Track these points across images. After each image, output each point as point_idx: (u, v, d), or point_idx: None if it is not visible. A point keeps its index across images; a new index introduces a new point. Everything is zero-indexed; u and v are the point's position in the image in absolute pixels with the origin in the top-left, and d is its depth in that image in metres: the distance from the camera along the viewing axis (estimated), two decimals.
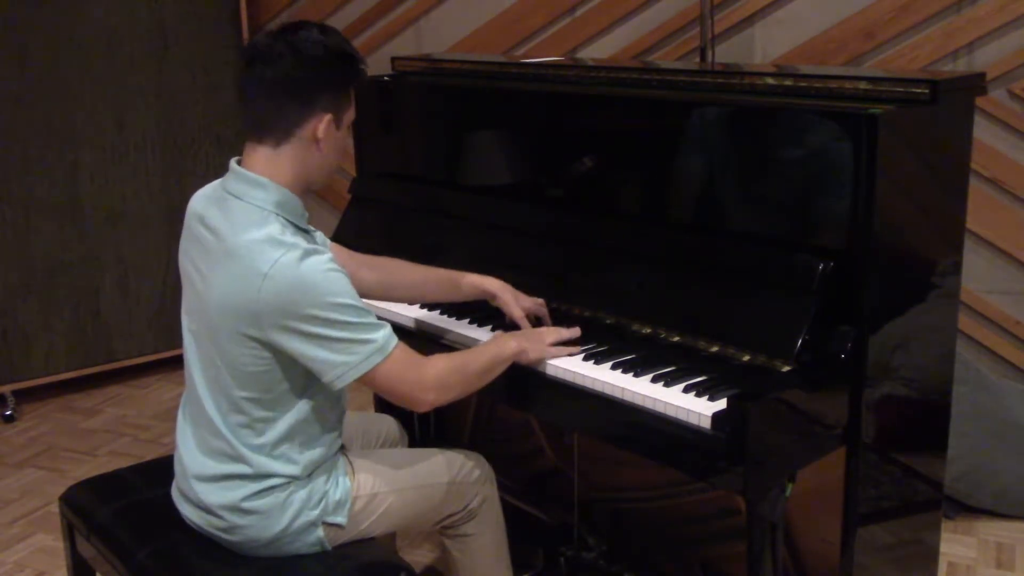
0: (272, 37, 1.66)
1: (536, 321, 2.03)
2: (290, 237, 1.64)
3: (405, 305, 2.20)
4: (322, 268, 1.62)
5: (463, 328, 2.08)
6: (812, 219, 1.78)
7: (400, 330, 1.96)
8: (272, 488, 1.73)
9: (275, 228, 1.64)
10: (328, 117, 1.68)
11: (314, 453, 1.76)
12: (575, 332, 1.92)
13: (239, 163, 1.72)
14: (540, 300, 2.03)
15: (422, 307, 2.20)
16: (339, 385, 1.66)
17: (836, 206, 1.75)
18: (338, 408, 1.81)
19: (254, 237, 1.62)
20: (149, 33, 3.69)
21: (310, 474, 1.76)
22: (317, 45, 1.65)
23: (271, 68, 1.64)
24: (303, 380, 1.70)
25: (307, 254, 1.61)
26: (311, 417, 1.74)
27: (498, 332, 1.97)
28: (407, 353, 1.70)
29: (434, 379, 1.72)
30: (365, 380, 1.67)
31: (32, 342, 3.66)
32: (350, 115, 1.74)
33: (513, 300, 2.00)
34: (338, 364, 1.64)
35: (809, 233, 1.78)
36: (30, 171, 3.56)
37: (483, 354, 1.80)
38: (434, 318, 2.15)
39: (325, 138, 1.69)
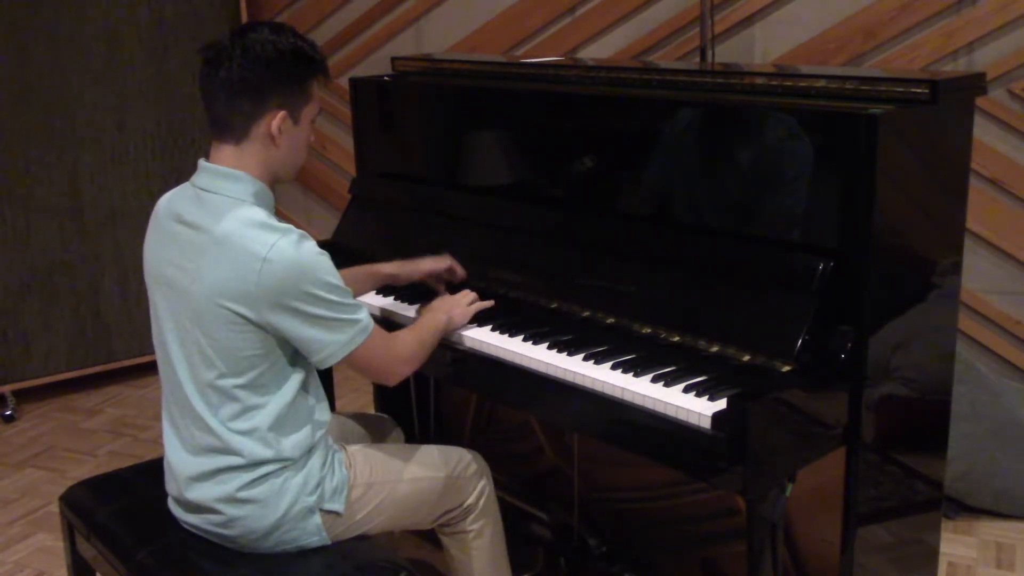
0: (226, 39, 1.72)
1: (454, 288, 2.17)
2: (278, 222, 1.70)
3: None
4: (316, 251, 1.69)
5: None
6: (812, 219, 1.78)
7: None
8: (266, 476, 1.74)
9: (260, 213, 1.70)
10: (282, 114, 1.72)
11: (302, 433, 1.77)
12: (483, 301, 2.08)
13: (207, 161, 1.77)
14: (441, 256, 2.19)
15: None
16: (329, 363, 1.73)
17: (836, 206, 1.75)
18: (320, 388, 1.85)
19: (243, 222, 1.67)
20: (149, 33, 3.69)
21: (302, 457, 1.78)
22: (266, 45, 1.70)
23: (224, 69, 1.69)
24: (291, 360, 1.75)
25: (302, 237, 1.68)
26: (299, 397, 1.77)
27: (425, 306, 2.06)
28: (382, 331, 1.81)
29: (406, 354, 1.84)
30: (349, 358, 1.74)
31: (32, 342, 3.66)
32: (310, 110, 1.78)
33: (416, 270, 2.18)
34: (330, 343, 1.70)
35: (809, 233, 1.78)
36: (30, 171, 3.56)
37: (429, 327, 1.93)
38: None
39: (281, 134, 1.73)
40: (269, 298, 1.64)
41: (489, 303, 2.07)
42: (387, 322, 2.17)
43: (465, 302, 2.04)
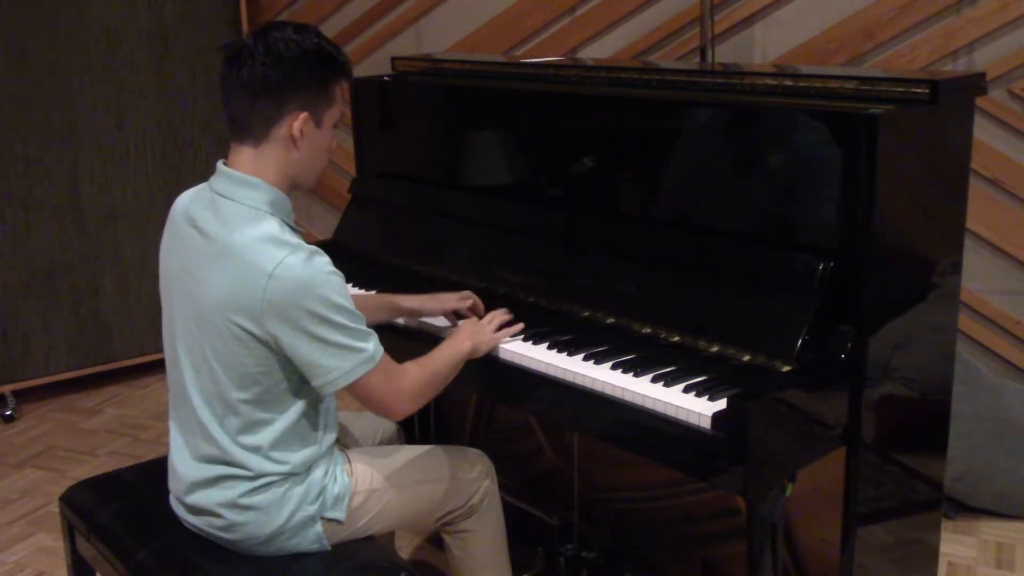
0: (248, 38, 1.68)
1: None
2: (291, 236, 1.65)
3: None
4: (326, 270, 1.64)
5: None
6: (812, 219, 1.78)
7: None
8: (269, 484, 1.73)
9: (273, 226, 1.65)
10: (304, 116, 1.68)
11: (309, 451, 1.76)
12: (509, 315, 2.01)
13: (225, 164, 1.73)
14: (464, 293, 2.10)
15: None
16: (328, 390, 1.69)
17: (836, 206, 1.75)
18: (331, 407, 1.82)
19: (253, 236, 1.63)
20: (149, 33, 3.69)
21: (307, 470, 1.77)
22: (290, 44, 1.66)
23: (245, 68, 1.65)
24: (299, 380, 1.71)
25: (312, 254, 1.63)
26: (306, 416, 1.75)
27: (452, 330, 2.01)
28: (389, 364, 1.73)
29: (410, 390, 1.77)
30: (350, 387, 1.69)
31: (32, 342, 3.66)
32: (333, 114, 1.74)
33: (439, 307, 2.08)
34: (331, 369, 1.65)
35: (809, 233, 1.78)
36: (30, 171, 3.56)
37: (445, 358, 1.84)
38: None
39: (303, 137, 1.69)
40: (274, 314, 1.61)
41: (518, 326, 1.99)
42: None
43: (491, 328, 1.95)
